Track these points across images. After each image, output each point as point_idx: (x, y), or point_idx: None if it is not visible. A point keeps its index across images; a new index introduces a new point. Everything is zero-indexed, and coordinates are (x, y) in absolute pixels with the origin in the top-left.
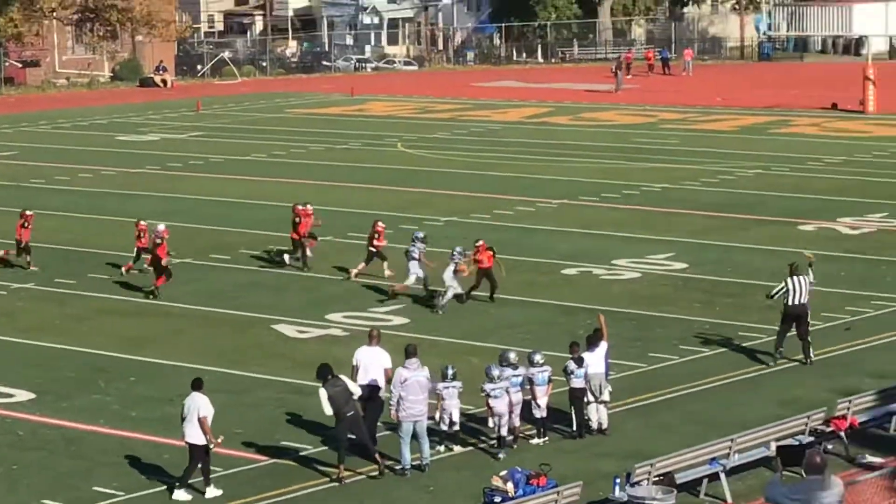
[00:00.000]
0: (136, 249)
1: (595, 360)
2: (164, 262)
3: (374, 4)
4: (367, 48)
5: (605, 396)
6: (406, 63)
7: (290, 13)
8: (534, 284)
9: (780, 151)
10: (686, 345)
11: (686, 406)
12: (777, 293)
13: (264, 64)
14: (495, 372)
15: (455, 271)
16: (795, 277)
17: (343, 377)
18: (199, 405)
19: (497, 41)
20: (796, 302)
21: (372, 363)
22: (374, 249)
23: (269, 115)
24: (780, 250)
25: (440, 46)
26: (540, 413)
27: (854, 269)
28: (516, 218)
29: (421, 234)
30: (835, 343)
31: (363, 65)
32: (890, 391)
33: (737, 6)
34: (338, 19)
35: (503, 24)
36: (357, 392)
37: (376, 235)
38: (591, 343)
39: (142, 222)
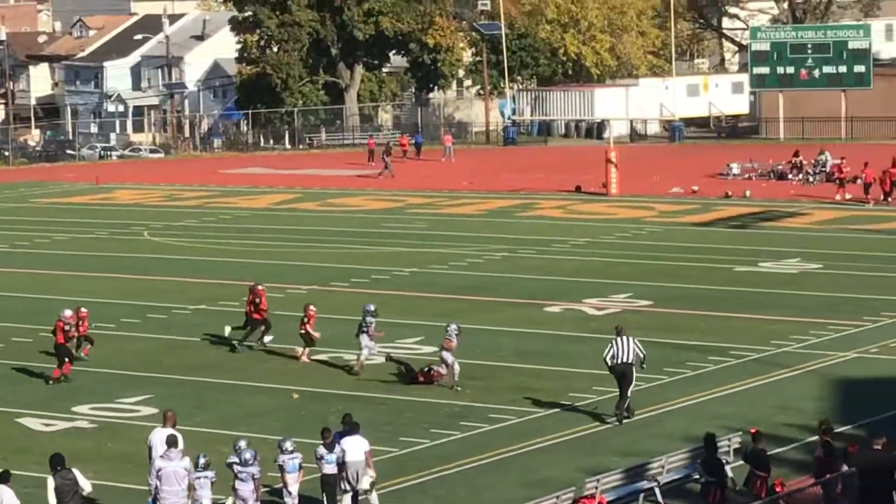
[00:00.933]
0: (75, 338)
1: (353, 448)
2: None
3: (119, 92)
4: (112, 136)
5: (365, 485)
6: (152, 151)
7: (33, 101)
8: (285, 371)
9: (526, 234)
10: (436, 428)
11: (435, 491)
12: (606, 354)
13: (7, 153)
14: (247, 455)
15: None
16: (621, 338)
17: (75, 471)
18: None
19: (244, 128)
20: (620, 361)
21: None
22: (303, 332)
23: (12, 205)
24: (527, 332)
25: (186, 133)
26: (291, 500)
27: (599, 351)
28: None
29: (372, 308)
30: (582, 423)
31: (108, 153)
32: (636, 469)
33: (481, 91)
34: (82, 107)
35: (250, 111)
36: (87, 489)
37: (306, 319)
38: (348, 431)
39: (82, 309)
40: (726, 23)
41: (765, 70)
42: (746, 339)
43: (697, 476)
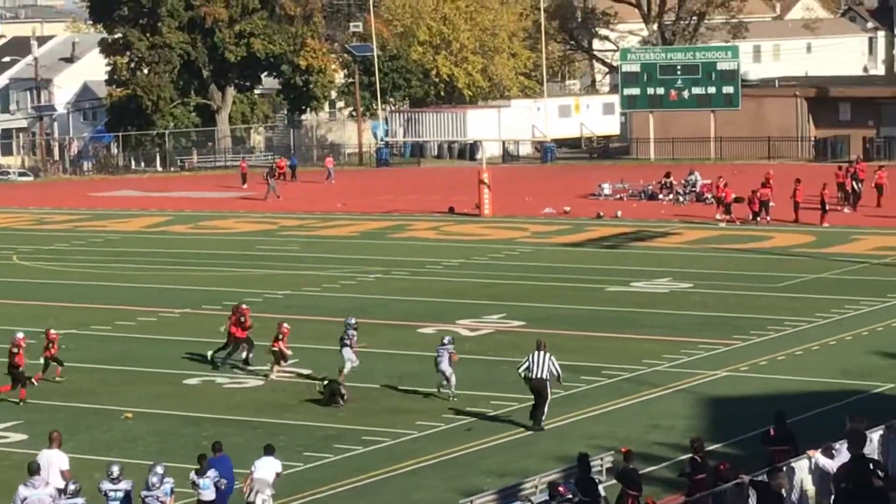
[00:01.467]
0: (43, 359)
1: (264, 467)
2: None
3: None
4: None
5: (258, 501)
6: (21, 174)
7: None
8: (158, 396)
9: (399, 255)
10: (310, 451)
11: None
12: (520, 367)
13: None
14: (153, 479)
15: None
16: (538, 353)
17: None
18: None
19: (115, 150)
20: (534, 376)
21: (51, 464)
22: (276, 349)
23: None
24: (401, 354)
25: (56, 156)
26: None
27: (473, 371)
28: (139, 328)
29: (353, 321)
30: (456, 444)
31: None
32: (510, 490)
33: (354, 113)
34: None
35: (120, 133)
36: None
37: (281, 337)
38: (267, 451)
39: (52, 331)
40: (597, 44)
41: (635, 91)
42: (618, 359)
43: (571, 496)
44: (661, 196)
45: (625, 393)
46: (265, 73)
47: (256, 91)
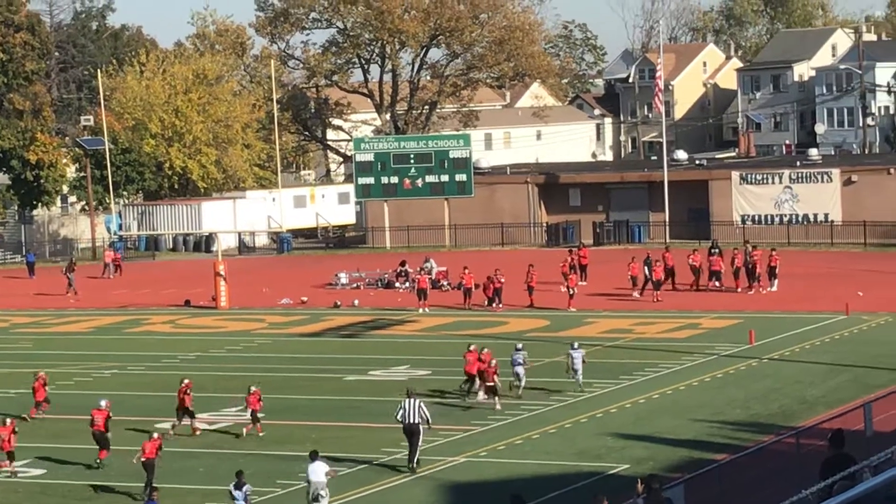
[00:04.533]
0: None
1: (316, 470)
2: None
3: None
4: None
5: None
6: None
7: None
8: None
9: (135, 350)
10: None
11: None
12: (396, 414)
13: None
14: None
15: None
16: (408, 400)
17: None
18: None
19: None
20: (408, 421)
21: None
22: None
23: None
24: (137, 449)
25: None
26: None
27: (208, 465)
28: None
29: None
30: None
31: None
32: None
33: (86, 207)
34: None
35: None
36: None
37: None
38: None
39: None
40: (331, 134)
41: (369, 180)
42: (359, 448)
43: None
44: (397, 284)
45: (367, 482)
46: None
47: None
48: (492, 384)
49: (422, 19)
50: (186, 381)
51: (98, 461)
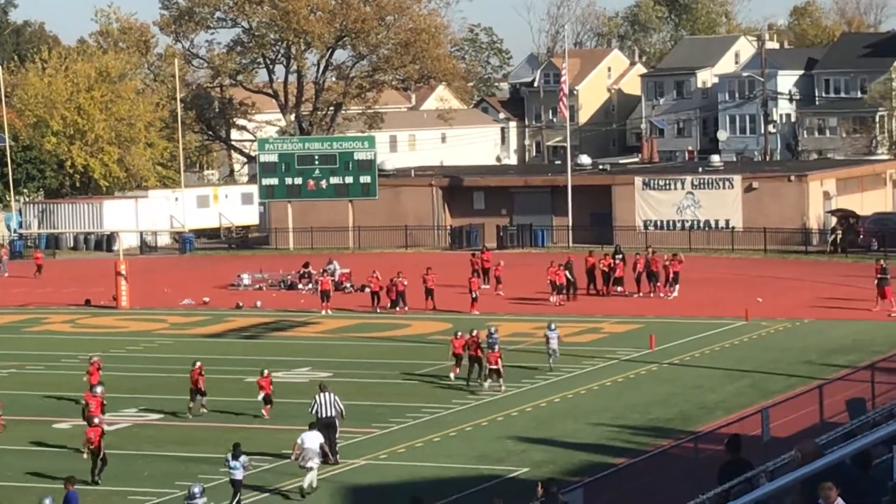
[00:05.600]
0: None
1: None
2: None
3: None
4: None
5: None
6: None
7: None
8: None
9: (34, 350)
10: None
11: None
12: (311, 409)
13: None
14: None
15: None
16: (323, 393)
17: None
18: None
19: None
20: (324, 414)
21: None
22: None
23: None
24: (34, 450)
25: None
26: None
27: (113, 465)
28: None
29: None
30: None
31: None
32: None
33: None
34: None
35: None
36: None
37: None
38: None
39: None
40: (235, 134)
41: (273, 181)
42: (260, 449)
43: None
44: (300, 286)
45: (267, 483)
46: None
47: None
48: (495, 367)
49: (327, 20)
50: (199, 363)
51: None
